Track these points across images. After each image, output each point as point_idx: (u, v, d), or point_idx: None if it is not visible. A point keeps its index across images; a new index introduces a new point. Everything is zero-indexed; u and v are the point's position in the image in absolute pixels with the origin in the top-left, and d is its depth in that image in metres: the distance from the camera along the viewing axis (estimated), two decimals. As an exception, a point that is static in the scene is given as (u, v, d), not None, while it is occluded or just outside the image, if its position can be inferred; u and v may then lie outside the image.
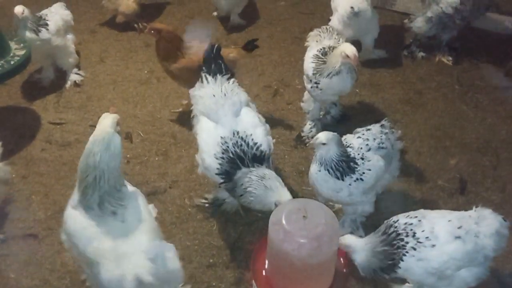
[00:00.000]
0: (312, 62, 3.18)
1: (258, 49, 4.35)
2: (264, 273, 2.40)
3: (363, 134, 2.68)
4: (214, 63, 2.86)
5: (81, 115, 3.74)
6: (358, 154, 2.58)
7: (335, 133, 2.53)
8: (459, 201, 3.03)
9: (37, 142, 3.53)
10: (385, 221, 2.35)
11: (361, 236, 2.56)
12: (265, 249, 2.38)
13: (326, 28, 3.41)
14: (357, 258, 2.31)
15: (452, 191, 3.10)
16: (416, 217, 2.29)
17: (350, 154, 2.56)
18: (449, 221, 2.26)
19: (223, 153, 2.58)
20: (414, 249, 2.21)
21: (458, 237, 2.21)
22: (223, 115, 2.68)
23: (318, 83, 3.15)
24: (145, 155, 3.42)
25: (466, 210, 2.37)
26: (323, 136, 2.52)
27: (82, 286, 2.63)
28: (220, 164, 2.58)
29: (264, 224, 2.32)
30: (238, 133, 2.62)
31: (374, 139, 2.64)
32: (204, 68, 2.89)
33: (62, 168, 3.34)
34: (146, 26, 3.52)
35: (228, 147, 2.58)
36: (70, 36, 4.00)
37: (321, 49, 3.20)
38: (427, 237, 2.21)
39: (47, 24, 3.74)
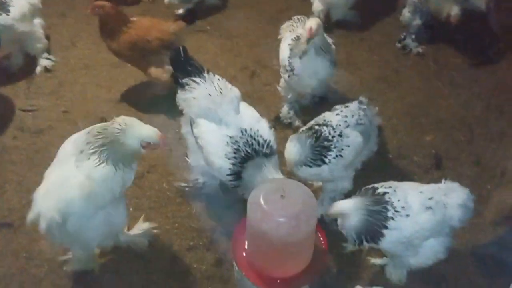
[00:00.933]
0: (288, 50, 3.12)
1: (234, 30, 4.33)
2: (244, 254, 2.42)
3: (342, 111, 2.69)
4: (188, 65, 2.76)
5: (53, 101, 3.64)
6: (335, 132, 2.58)
7: (296, 152, 2.49)
8: (435, 176, 3.08)
9: (8, 130, 3.42)
10: (364, 188, 2.38)
11: None
12: (245, 230, 2.39)
13: (298, 18, 3.36)
14: (352, 221, 2.26)
15: (428, 166, 3.16)
16: (390, 187, 2.33)
17: (320, 135, 2.55)
18: (420, 192, 2.32)
19: (235, 153, 2.52)
20: (392, 218, 2.25)
21: (429, 208, 2.28)
22: (225, 114, 2.59)
23: (293, 69, 3.10)
24: (121, 140, 3.36)
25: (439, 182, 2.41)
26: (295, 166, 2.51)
27: (60, 273, 2.60)
28: (232, 164, 2.52)
29: (244, 205, 2.32)
30: (246, 131, 2.55)
31: (353, 115, 2.67)
32: (178, 74, 2.77)
33: (36, 156, 3.26)
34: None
35: (239, 146, 2.52)
36: (37, 21, 3.85)
37: (295, 38, 3.13)
38: (403, 207, 2.26)
39: (8, 10, 3.59)
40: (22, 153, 3.26)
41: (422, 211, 2.27)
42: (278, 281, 2.32)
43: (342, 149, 2.55)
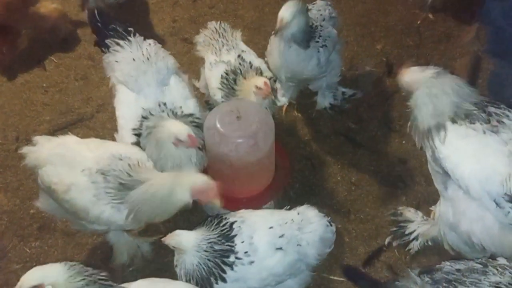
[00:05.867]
0: (218, 84, 2.49)
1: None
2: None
3: (313, 6, 2.71)
4: (107, 29, 2.43)
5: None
6: (317, 22, 2.59)
7: (296, 3, 2.35)
8: (387, 83, 3.13)
9: None
10: (211, 217, 2.02)
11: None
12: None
13: (215, 28, 2.70)
14: (187, 260, 1.87)
15: (380, 74, 3.18)
16: (236, 221, 1.94)
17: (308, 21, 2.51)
18: (270, 228, 1.93)
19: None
20: (232, 268, 1.86)
21: (279, 249, 1.90)
22: (146, 85, 2.28)
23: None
24: (63, 82, 3.17)
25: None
26: (286, 13, 2.31)
27: (21, 224, 2.55)
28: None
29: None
30: (165, 104, 2.23)
31: (325, 9, 2.71)
32: (98, 39, 2.48)
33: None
34: None
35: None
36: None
37: (226, 72, 2.49)
38: (246, 252, 1.87)
39: None
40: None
41: (271, 254, 1.88)
42: (244, 200, 2.36)
43: (326, 39, 2.56)
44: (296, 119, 2.97)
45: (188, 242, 1.85)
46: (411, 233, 2.34)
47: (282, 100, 2.90)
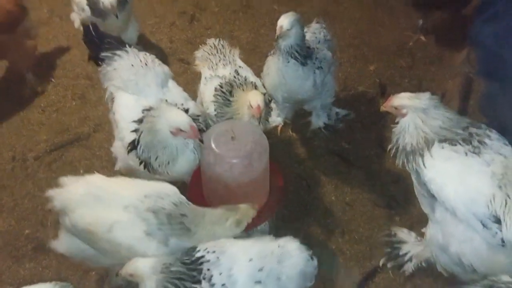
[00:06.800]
0: (212, 97, 2.53)
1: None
2: (202, 200, 2.43)
3: (309, 29, 2.76)
4: (104, 43, 2.49)
5: (-21, 68, 3.38)
6: (312, 46, 2.63)
7: (295, 13, 2.43)
8: (380, 103, 3.16)
9: None
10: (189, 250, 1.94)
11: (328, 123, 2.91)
12: (200, 176, 2.39)
13: (214, 44, 2.76)
14: (147, 286, 1.80)
15: (373, 95, 3.24)
16: (214, 252, 1.89)
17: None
18: (250, 260, 1.87)
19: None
20: None
21: (258, 282, 1.85)
22: (146, 86, 2.33)
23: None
24: (60, 101, 3.20)
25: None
26: (285, 21, 2.37)
27: (16, 245, 2.54)
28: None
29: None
30: (166, 101, 2.29)
31: (320, 32, 2.77)
32: (95, 54, 2.51)
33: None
34: None
35: None
36: None
37: (220, 85, 2.52)
38: (223, 285, 1.81)
39: None
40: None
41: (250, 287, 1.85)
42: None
43: (321, 61, 2.61)
44: (290, 139, 3.01)
45: (145, 266, 1.81)
46: (405, 254, 2.35)
47: (277, 120, 2.95)
